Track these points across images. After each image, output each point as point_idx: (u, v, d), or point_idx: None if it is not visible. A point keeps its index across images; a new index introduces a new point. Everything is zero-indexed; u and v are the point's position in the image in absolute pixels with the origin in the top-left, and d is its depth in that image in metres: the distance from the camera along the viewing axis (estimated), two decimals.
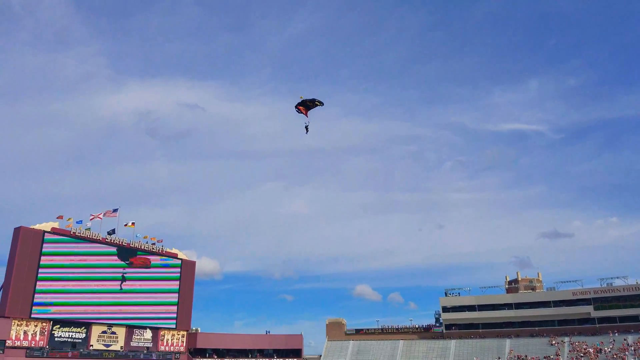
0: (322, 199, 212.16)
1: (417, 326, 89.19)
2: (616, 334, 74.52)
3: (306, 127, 32.41)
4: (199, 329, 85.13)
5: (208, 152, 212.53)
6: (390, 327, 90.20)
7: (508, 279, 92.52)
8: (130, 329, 73.33)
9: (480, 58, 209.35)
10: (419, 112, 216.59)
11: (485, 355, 78.26)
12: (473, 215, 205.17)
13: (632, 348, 70.35)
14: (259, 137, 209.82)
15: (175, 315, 78.79)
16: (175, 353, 77.79)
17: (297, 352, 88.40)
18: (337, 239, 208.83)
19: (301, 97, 31.88)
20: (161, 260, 79.10)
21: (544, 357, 74.26)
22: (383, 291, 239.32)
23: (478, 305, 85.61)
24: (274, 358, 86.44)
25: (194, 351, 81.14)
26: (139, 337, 74.20)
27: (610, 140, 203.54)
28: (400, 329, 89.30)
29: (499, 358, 76.25)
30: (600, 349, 72.14)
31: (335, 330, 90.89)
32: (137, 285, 75.11)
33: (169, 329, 77.91)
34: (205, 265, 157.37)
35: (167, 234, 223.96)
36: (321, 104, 32.49)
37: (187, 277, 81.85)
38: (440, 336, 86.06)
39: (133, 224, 76.52)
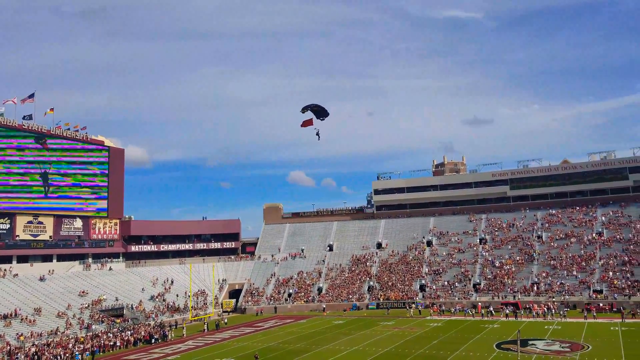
0: (263, 85, 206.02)
1: (350, 208, 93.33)
2: (527, 211, 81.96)
3: (317, 134, 31.71)
4: (132, 217, 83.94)
5: (136, 31, 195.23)
6: (324, 209, 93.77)
7: (435, 163, 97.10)
8: (59, 218, 70.68)
9: None
10: None
11: (411, 232, 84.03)
12: (409, 103, 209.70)
13: (540, 222, 78.09)
14: (195, 15, 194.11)
15: (105, 204, 76.59)
16: (109, 241, 76.86)
17: (235, 236, 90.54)
18: (274, 126, 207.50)
19: (303, 112, 31.11)
20: (86, 147, 74.80)
21: (463, 232, 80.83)
22: (317, 177, 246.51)
23: (407, 188, 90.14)
24: (211, 242, 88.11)
25: (128, 238, 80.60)
26: (68, 226, 71.93)
27: (544, 28, 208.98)
28: (334, 211, 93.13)
29: (423, 237, 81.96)
30: (513, 224, 79.47)
31: (273, 215, 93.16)
32: (62, 173, 71.26)
33: (100, 217, 76.04)
34: (132, 153, 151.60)
35: (90, 120, 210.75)
36: (323, 112, 31.07)
37: (116, 165, 78.49)
38: (372, 216, 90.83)
39: (52, 109, 70.57)
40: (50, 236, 69.27)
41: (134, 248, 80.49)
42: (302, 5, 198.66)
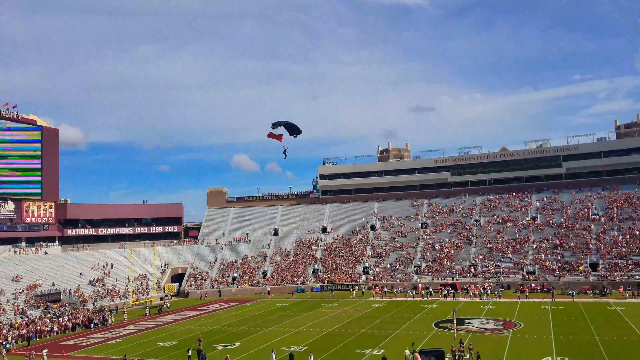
0: (202, 66, 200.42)
1: (295, 193, 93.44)
2: (467, 196, 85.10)
3: (284, 152, 31.12)
4: (68, 200, 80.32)
5: (70, 6, 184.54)
6: (270, 194, 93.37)
7: (380, 149, 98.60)
8: None
9: None
10: None
11: (356, 217, 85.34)
12: (353, 89, 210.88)
13: (479, 207, 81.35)
14: None
15: (39, 186, 72.82)
16: (44, 224, 73.30)
17: (178, 220, 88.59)
18: (216, 109, 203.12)
19: (273, 128, 29.93)
20: (17, 126, 70.61)
21: (406, 217, 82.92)
22: (261, 161, 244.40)
23: (352, 173, 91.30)
24: (152, 226, 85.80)
25: (64, 222, 77.17)
26: None
27: (486, 19, 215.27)
28: (280, 195, 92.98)
29: (368, 221, 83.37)
30: (453, 209, 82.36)
31: (217, 199, 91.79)
32: None
33: (33, 200, 72.27)
34: (66, 134, 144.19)
35: (20, 99, 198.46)
36: (296, 130, 29.90)
37: (50, 146, 74.56)
38: (317, 201, 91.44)
39: None
40: None
41: (71, 232, 77.24)
42: None
